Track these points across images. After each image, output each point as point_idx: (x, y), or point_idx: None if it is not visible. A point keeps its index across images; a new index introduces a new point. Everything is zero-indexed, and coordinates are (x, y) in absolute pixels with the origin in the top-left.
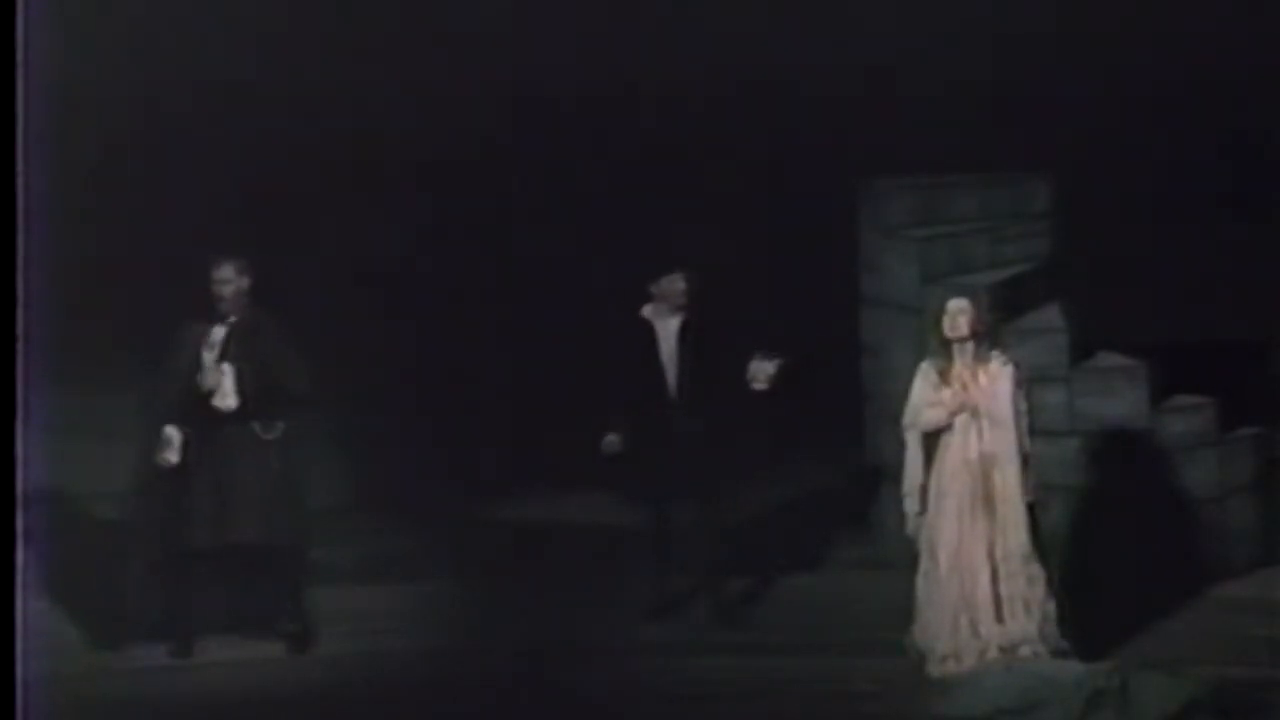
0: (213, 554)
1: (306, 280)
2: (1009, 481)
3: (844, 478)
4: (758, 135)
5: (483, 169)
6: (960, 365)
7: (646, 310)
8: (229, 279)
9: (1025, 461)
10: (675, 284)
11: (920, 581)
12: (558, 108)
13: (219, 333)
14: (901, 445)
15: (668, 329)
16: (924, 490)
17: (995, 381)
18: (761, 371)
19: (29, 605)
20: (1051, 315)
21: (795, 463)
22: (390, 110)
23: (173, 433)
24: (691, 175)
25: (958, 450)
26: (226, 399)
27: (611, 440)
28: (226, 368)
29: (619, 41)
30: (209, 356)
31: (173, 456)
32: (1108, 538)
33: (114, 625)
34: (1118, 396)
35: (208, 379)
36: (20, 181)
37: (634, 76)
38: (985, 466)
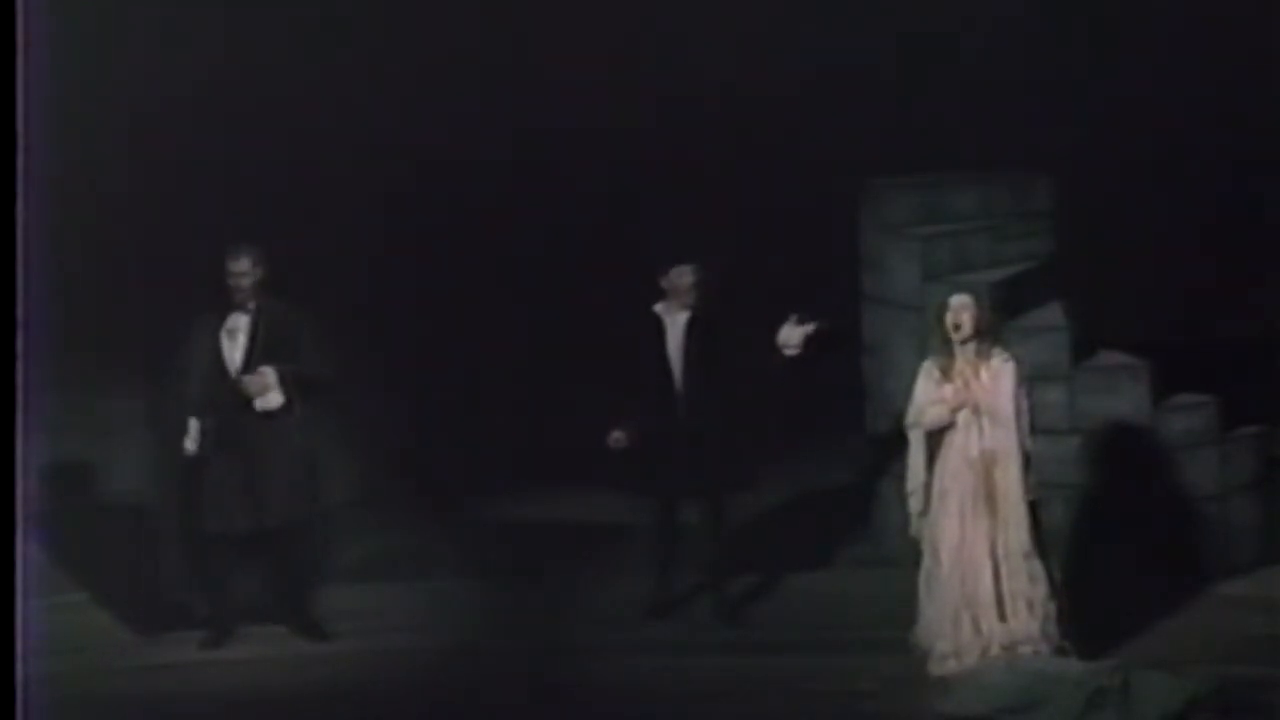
0: (247, 538)
1: (309, 276)
2: (1010, 479)
3: (846, 476)
4: (760, 134)
5: (491, 165)
6: (962, 362)
7: (658, 307)
8: (246, 270)
9: (1026, 459)
10: (684, 277)
11: (922, 580)
12: (566, 109)
13: (240, 320)
14: (904, 444)
15: (676, 325)
16: (927, 489)
17: (996, 379)
18: (793, 337)
19: (29, 604)
20: (1053, 313)
21: (797, 461)
22: (402, 105)
23: (191, 422)
24: (694, 173)
25: (959, 448)
26: (271, 400)
27: (618, 436)
28: (268, 370)
29: (623, 43)
30: (233, 347)
31: (190, 445)
32: (1109, 536)
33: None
34: (1119, 395)
35: (253, 384)
36: (20, 182)
37: (637, 77)
38: (986, 464)
